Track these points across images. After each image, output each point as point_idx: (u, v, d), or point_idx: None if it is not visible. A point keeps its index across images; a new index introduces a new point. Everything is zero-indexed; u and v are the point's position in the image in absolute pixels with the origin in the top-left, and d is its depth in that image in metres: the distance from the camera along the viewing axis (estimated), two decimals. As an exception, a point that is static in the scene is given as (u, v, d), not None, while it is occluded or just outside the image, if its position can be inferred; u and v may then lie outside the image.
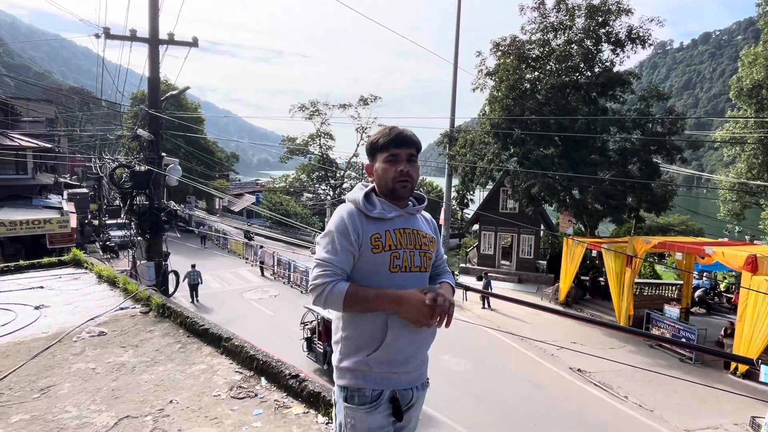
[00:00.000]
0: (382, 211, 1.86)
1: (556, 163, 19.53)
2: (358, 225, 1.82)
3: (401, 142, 1.87)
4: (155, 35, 10.75)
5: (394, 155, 1.86)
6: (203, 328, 4.33)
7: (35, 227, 18.67)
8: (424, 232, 1.96)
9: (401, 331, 1.81)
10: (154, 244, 11.35)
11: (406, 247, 1.87)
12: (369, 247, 1.81)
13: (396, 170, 1.85)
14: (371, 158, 1.95)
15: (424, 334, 1.88)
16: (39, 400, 3.23)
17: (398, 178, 1.86)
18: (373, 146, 1.93)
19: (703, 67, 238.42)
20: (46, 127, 31.47)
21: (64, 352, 4.02)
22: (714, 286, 22.15)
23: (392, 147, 1.87)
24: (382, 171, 1.88)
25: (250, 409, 3.15)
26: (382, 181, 1.90)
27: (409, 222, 1.93)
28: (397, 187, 1.86)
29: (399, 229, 1.88)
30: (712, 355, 14.46)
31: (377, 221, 1.85)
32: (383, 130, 1.93)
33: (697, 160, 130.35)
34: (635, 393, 12.34)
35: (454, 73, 24.56)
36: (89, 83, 60.94)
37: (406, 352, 1.86)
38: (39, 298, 5.47)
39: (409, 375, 1.90)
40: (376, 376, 1.84)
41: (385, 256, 1.82)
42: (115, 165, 14.76)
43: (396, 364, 1.85)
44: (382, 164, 1.88)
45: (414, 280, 1.87)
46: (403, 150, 1.86)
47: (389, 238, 1.84)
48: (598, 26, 20.61)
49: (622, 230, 26.70)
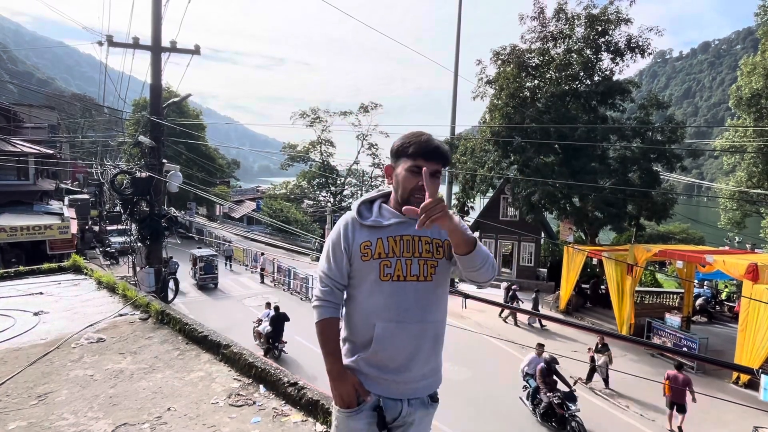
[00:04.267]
0: (377, 219, 1.82)
1: (556, 171, 19.55)
2: (350, 233, 1.81)
3: (430, 156, 1.74)
4: (157, 43, 10.74)
5: (419, 167, 1.72)
6: (202, 335, 4.31)
7: (36, 233, 18.69)
8: (428, 237, 1.83)
9: (389, 339, 1.77)
10: (154, 250, 11.30)
11: (401, 255, 1.78)
12: (359, 255, 1.79)
13: (417, 183, 1.74)
14: (395, 160, 1.84)
15: (419, 345, 1.80)
16: (36, 407, 3.22)
17: (416, 192, 1.75)
18: (399, 150, 1.81)
19: (703, 76, 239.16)
20: (48, 133, 31.56)
21: (62, 358, 4.00)
22: (715, 295, 21.99)
23: (419, 158, 1.74)
24: (402, 179, 1.78)
25: (248, 416, 3.14)
26: (399, 189, 1.81)
27: (411, 228, 1.80)
28: (413, 201, 1.74)
29: (395, 237, 1.80)
30: (713, 364, 14.30)
31: (371, 229, 1.81)
32: (415, 135, 1.79)
33: (697, 169, 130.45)
34: (637, 403, 12.23)
35: (455, 81, 24.61)
36: (92, 90, 61.20)
37: (398, 361, 1.80)
38: (38, 304, 5.45)
39: (399, 385, 1.82)
40: (364, 378, 1.81)
41: (374, 265, 1.77)
42: (117, 171, 14.91)
43: (386, 370, 1.80)
44: (404, 172, 1.77)
45: (408, 290, 1.78)
46: (430, 164, 1.72)
47: (380, 245, 1.78)
48: (598, 35, 20.69)
49: (623, 238, 26.60)
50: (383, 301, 1.78)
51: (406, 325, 1.78)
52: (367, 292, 1.80)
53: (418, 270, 1.79)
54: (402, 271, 1.77)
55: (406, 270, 1.78)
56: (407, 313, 1.78)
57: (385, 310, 1.78)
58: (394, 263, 1.77)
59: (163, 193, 11.68)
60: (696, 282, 20.12)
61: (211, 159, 45.46)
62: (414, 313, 1.78)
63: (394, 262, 1.77)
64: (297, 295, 22.53)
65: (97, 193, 32.27)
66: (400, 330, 1.78)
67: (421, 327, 1.80)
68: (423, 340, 1.81)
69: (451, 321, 8.57)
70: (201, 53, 11.37)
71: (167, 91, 25.29)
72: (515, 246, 24.96)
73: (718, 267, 14.54)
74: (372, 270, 1.78)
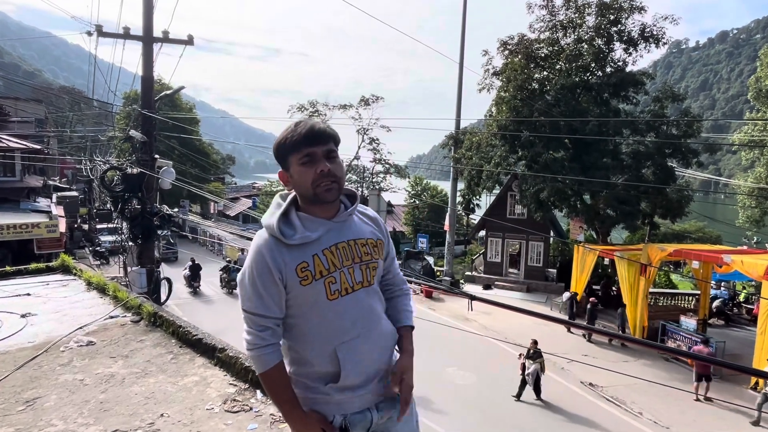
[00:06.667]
0: (304, 234, 1.60)
1: (566, 166, 19.19)
2: (278, 258, 1.58)
3: (315, 139, 1.60)
4: (149, 33, 10.64)
5: (309, 155, 1.59)
6: (196, 338, 4.22)
7: (23, 232, 18.42)
8: (363, 239, 1.69)
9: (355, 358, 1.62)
10: (146, 249, 11.17)
11: (342, 266, 1.62)
12: (297, 280, 1.58)
13: (315, 172, 1.58)
14: (282, 164, 1.66)
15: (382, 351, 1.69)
16: (24, 413, 3.15)
17: (319, 181, 1.59)
18: (281, 149, 1.63)
19: (720, 67, 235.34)
20: (35, 127, 31.29)
21: (51, 362, 3.95)
22: (733, 297, 21.76)
23: (305, 146, 1.59)
24: (298, 176, 1.61)
25: (244, 423, 3.06)
26: (301, 189, 1.63)
27: (343, 232, 1.66)
28: (319, 191, 1.59)
29: (329, 248, 1.62)
30: (729, 368, 14.27)
31: (301, 247, 1.59)
32: (290, 127, 1.64)
33: (714, 164, 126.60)
34: (650, 409, 12.02)
35: (460, 72, 24.00)
36: (81, 82, 60.45)
37: (366, 375, 1.65)
38: (26, 306, 5.37)
39: (364, 397, 1.67)
40: (332, 406, 1.65)
41: (318, 286, 1.59)
42: (107, 167, 14.72)
43: (354, 388, 1.64)
44: (297, 168, 1.61)
45: (360, 299, 1.65)
46: (320, 147, 1.60)
47: (318, 263, 1.59)
48: (610, 24, 20.31)
49: (636, 237, 26.46)
50: (337, 321, 1.62)
51: (367, 336, 1.65)
52: (315, 319, 1.62)
53: (362, 276, 1.66)
54: (348, 283, 1.63)
55: (351, 279, 1.64)
56: (364, 322, 1.65)
57: (341, 331, 1.62)
58: (338, 277, 1.61)
59: (155, 190, 11.55)
60: (713, 283, 19.88)
61: (205, 154, 45.08)
62: (369, 320, 1.66)
63: (338, 276, 1.61)
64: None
65: (87, 190, 32.17)
66: (362, 343, 1.64)
67: (377, 332, 1.68)
68: (385, 340, 1.71)
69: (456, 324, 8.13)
70: (194, 44, 11.47)
71: (159, 84, 24.57)
72: (523, 245, 24.52)
73: (735, 267, 14.37)
74: (316, 293, 1.59)
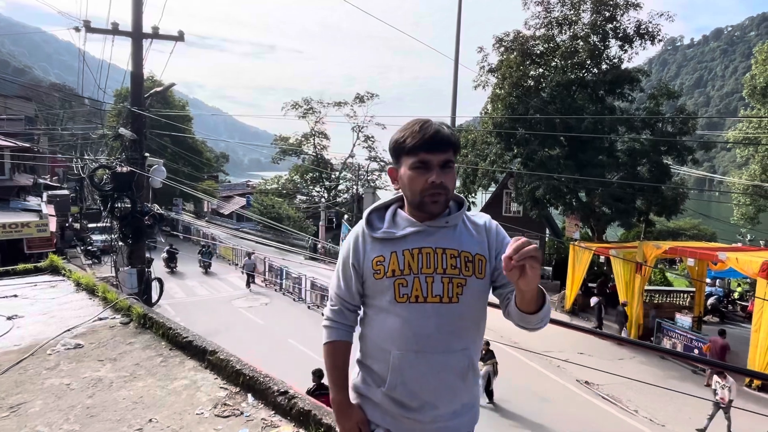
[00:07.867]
0: (389, 229, 1.60)
1: (561, 164, 19.08)
2: (360, 248, 1.62)
3: (435, 146, 1.52)
4: (138, 29, 10.60)
5: (423, 162, 1.53)
6: (187, 340, 4.17)
7: (12, 231, 18.17)
8: (455, 250, 1.57)
9: (407, 371, 1.55)
10: (137, 249, 11.17)
11: (419, 272, 1.54)
12: (371, 272, 1.59)
13: (426, 181, 1.53)
14: (395, 160, 1.61)
15: (444, 379, 1.56)
16: (8, 419, 3.11)
17: (428, 191, 1.53)
18: (398, 147, 1.57)
19: (715, 65, 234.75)
20: (24, 125, 30.82)
21: (37, 366, 3.88)
22: (728, 294, 21.91)
23: (422, 151, 1.52)
24: (408, 180, 1.55)
25: (235, 428, 3.05)
26: (407, 193, 1.59)
27: (434, 238, 1.57)
28: (426, 201, 1.55)
29: (411, 250, 1.56)
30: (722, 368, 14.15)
31: (383, 242, 1.59)
32: (412, 125, 1.56)
33: (709, 162, 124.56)
34: (645, 407, 12.03)
35: (455, 69, 23.92)
36: (72, 79, 59.84)
37: (421, 398, 1.57)
38: (12, 308, 5.26)
39: (425, 425, 1.59)
40: (381, 413, 1.63)
41: (388, 284, 1.56)
42: (96, 166, 14.60)
43: (408, 408, 1.58)
44: (408, 171, 1.55)
45: (429, 314, 1.54)
46: (437, 156, 1.52)
47: (394, 261, 1.56)
48: (605, 21, 20.18)
49: (631, 235, 26.47)
50: (399, 326, 1.56)
51: (427, 356, 1.55)
52: (382, 315, 1.60)
53: (442, 290, 1.55)
54: (421, 291, 1.54)
55: (427, 290, 1.54)
56: (428, 340, 1.55)
57: (401, 337, 1.56)
58: (411, 282, 1.55)
59: (145, 189, 11.51)
60: (708, 280, 19.98)
61: (198, 152, 44.66)
62: (436, 341, 1.55)
63: (411, 280, 1.55)
64: (289, 296, 21.98)
65: (78, 188, 31.88)
66: (420, 361, 1.55)
67: (444, 358, 1.56)
68: (448, 373, 1.58)
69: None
70: (185, 40, 11.37)
71: (150, 81, 24.28)
72: (518, 243, 24.48)
73: (730, 265, 14.39)
74: (386, 290, 1.57)
